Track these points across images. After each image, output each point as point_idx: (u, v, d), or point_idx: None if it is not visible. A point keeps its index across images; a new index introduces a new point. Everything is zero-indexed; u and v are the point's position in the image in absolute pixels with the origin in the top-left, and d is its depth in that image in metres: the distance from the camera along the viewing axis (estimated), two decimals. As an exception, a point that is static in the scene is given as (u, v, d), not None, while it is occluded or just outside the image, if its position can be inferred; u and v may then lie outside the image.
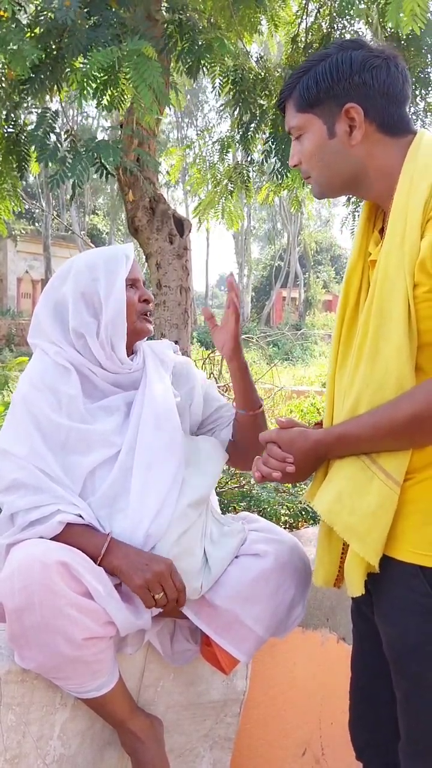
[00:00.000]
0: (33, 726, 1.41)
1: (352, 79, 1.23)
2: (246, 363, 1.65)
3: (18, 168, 3.74)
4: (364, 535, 1.17)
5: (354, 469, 1.21)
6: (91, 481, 1.49)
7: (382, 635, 1.26)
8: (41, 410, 1.50)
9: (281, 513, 3.22)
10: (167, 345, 1.77)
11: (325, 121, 1.26)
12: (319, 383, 11.74)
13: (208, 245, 38.53)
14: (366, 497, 1.18)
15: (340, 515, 1.20)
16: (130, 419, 1.55)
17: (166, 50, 3.39)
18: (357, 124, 1.23)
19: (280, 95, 1.34)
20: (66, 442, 1.49)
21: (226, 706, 1.69)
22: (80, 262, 1.61)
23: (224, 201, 4.64)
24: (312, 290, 38.42)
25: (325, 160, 1.28)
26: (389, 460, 1.18)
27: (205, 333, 23.34)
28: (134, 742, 1.48)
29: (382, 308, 1.18)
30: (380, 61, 1.23)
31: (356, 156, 1.25)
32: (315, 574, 1.37)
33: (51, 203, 26.82)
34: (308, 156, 1.29)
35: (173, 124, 33.30)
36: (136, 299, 1.61)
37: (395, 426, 1.15)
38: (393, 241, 1.18)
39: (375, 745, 1.42)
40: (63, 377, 1.55)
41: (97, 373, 1.57)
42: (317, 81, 1.25)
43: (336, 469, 1.26)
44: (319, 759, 2.00)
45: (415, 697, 1.20)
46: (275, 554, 1.53)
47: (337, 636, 2.00)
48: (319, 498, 1.25)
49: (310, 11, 4.43)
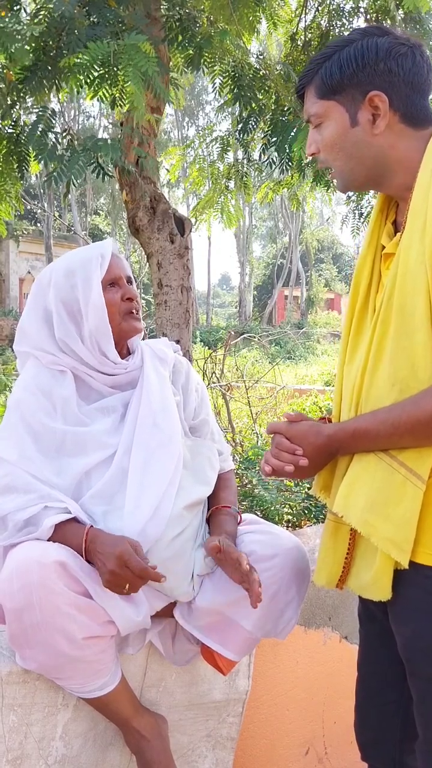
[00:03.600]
0: (35, 727, 1.41)
1: (378, 66, 1.18)
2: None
3: (18, 168, 3.74)
4: (402, 542, 1.15)
5: (382, 473, 1.17)
6: (87, 482, 1.48)
7: (397, 636, 1.25)
8: (34, 415, 1.50)
9: (284, 512, 3.21)
10: (167, 343, 1.76)
11: (347, 109, 1.22)
12: (321, 382, 11.75)
13: (209, 244, 38.48)
14: (401, 504, 1.14)
15: (376, 526, 1.16)
16: (127, 419, 1.55)
17: (167, 41, 3.38)
18: (381, 112, 1.19)
19: (300, 81, 1.28)
20: (61, 445, 1.49)
21: (228, 705, 1.69)
22: (59, 268, 1.58)
23: (223, 200, 4.64)
24: (314, 289, 38.43)
25: (347, 149, 1.23)
26: (414, 458, 1.15)
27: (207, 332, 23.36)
28: (139, 740, 1.48)
29: (404, 305, 1.15)
30: (406, 49, 1.19)
31: (378, 146, 1.21)
32: (318, 574, 1.34)
33: (53, 204, 26.84)
34: (328, 145, 1.25)
35: (174, 124, 33.31)
36: (119, 299, 1.57)
37: (416, 424, 1.12)
38: (413, 236, 1.15)
39: (380, 745, 1.41)
40: (57, 380, 1.54)
41: (93, 375, 1.57)
42: (341, 67, 1.20)
43: (359, 471, 1.21)
44: (322, 758, 1.99)
45: (430, 697, 1.19)
46: (272, 556, 1.51)
47: (339, 635, 2.00)
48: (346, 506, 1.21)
49: (308, 9, 4.43)
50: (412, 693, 1.23)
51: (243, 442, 4.44)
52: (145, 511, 1.44)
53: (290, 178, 4.47)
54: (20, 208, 4.43)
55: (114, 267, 1.58)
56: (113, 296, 1.56)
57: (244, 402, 5.81)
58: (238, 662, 1.57)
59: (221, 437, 1.77)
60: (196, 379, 1.74)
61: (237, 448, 4.11)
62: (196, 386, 1.73)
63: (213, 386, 4.94)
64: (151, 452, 1.50)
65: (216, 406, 4.96)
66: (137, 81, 2.63)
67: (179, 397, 1.66)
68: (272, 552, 1.51)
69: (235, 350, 11.34)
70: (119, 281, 1.59)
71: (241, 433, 5.07)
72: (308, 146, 1.29)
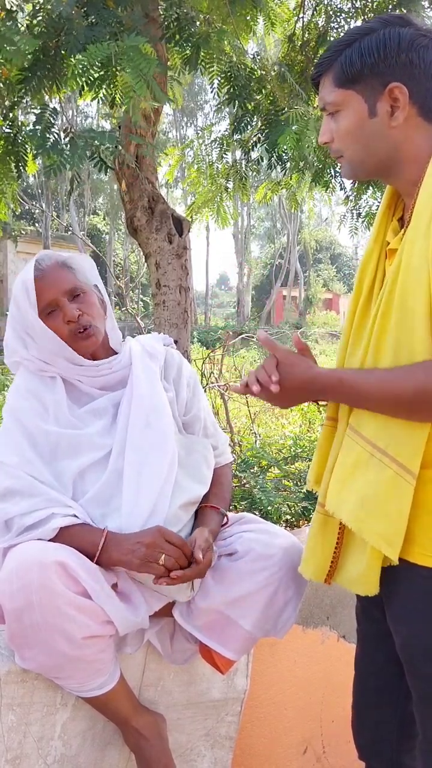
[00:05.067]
0: (34, 726, 1.42)
1: (399, 57, 1.16)
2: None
3: (16, 168, 3.74)
4: (392, 538, 1.14)
5: (373, 469, 1.17)
6: (81, 484, 1.48)
7: (395, 636, 1.25)
8: (28, 418, 1.50)
9: (283, 511, 3.22)
10: (157, 338, 1.74)
11: (366, 99, 1.19)
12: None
13: (208, 244, 38.48)
14: (392, 500, 1.14)
15: (367, 522, 1.16)
16: (118, 420, 1.55)
17: (164, 39, 3.38)
18: (401, 105, 1.17)
19: (316, 68, 1.26)
20: (55, 448, 1.49)
21: (226, 704, 1.69)
22: (12, 298, 1.57)
23: (219, 200, 4.64)
24: (312, 289, 38.44)
25: (362, 140, 1.21)
26: (405, 453, 1.14)
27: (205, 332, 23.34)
28: (138, 739, 1.48)
29: (405, 300, 1.14)
30: (427, 41, 1.17)
31: (394, 138, 1.20)
32: (304, 564, 1.33)
33: (51, 204, 26.82)
34: (344, 134, 1.23)
35: (173, 124, 33.31)
36: (60, 323, 1.53)
37: (402, 392, 1.11)
38: (417, 232, 1.14)
39: (378, 744, 1.42)
40: (47, 386, 1.55)
41: (80, 379, 1.57)
42: (362, 55, 1.18)
43: (349, 468, 1.21)
44: (320, 757, 2.00)
45: (430, 696, 1.19)
46: (269, 554, 1.51)
47: (337, 634, 2.00)
48: (338, 503, 1.21)
49: (306, 9, 4.43)
50: (411, 692, 1.24)
51: (241, 442, 4.45)
52: (143, 511, 1.44)
53: (289, 179, 4.48)
54: (17, 208, 4.43)
55: (45, 290, 1.52)
56: (54, 322, 1.53)
57: (242, 402, 5.82)
58: (236, 661, 1.57)
59: (216, 429, 1.75)
60: (188, 373, 1.72)
61: (235, 449, 4.12)
62: (188, 380, 1.71)
63: (211, 386, 4.94)
64: (145, 453, 1.50)
65: (214, 406, 4.96)
66: (139, 82, 2.63)
67: (171, 393, 1.65)
68: (271, 551, 1.51)
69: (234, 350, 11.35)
70: (56, 302, 1.53)
71: (240, 433, 5.07)
72: (322, 134, 1.27)
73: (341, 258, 45.92)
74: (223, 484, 1.68)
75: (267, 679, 1.83)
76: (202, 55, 3.43)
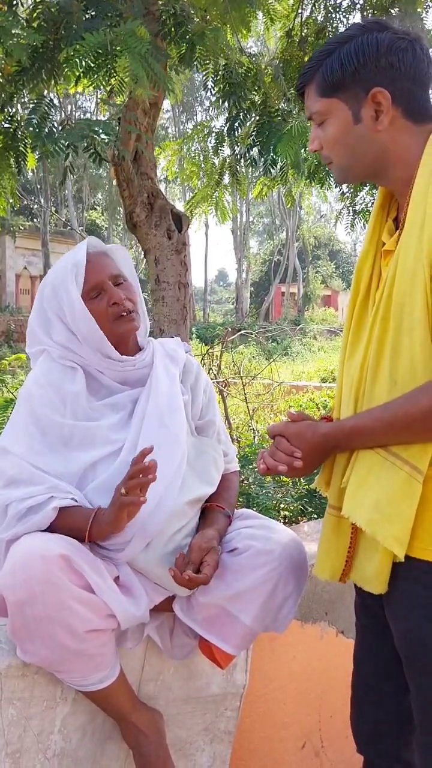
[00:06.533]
0: (34, 720, 1.42)
1: (379, 62, 1.18)
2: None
3: (15, 163, 3.73)
4: (404, 538, 1.16)
5: (387, 472, 1.18)
6: (92, 473, 1.49)
7: (393, 630, 1.26)
8: (43, 409, 1.51)
9: (281, 507, 3.22)
10: (178, 342, 1.77)
11: (350, 106, 1.21)
12: (317, 378, 11.76)
13: (207, 240, 38.50)
14: (405, 501, 1.15)
15: (382, 524, 1.17)
16: (134, 416, 1.55)
17: (161, 34, 3.37)
18: (384, 109, 1.19)
19: (300, 79, 1.28)
20: (69, 440, 1.50)
21: (226, 699, 1.70)
22: (47, 282, 1.58)
23: (217, 194, 4.63)
24: (311, 285, 38.41)
25: (350, 146, 1.24)
26: (417, 454, 1.16)
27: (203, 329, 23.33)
28: (137, 735, 1.49)
29: (403, 302, 1.16)
30: (406, 43, 1.19)
31: (381, 142, 1.22)
32: (320, 567, 1.35)
33: (49, 199, 26.77)
34: (331, 142, 1.25)
35: (171, 120, 33.23)
36: (104, 306, 1.55)
37: (412, 420, 1.13)
38: (412, 233, 1.16)
39: (376, 739, 1.42)
40: (68, 376, 1.56)
41: (102, 371, 1.58)
42: (342, 64, 1.20)
43: (364, 473, 1.22)
44: (318, 751, 2.00)
45: (428, 689, 1.20)
46: (269, 550, 1.51)
47: (336, 629, 2.01)
48: (353, 508, 1.22)
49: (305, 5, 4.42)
50: (409, 686, 1.24)
51: (240, 439, 4.45)
52: (149, 503, 1.44)
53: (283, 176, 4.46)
54: (16, 203, 4.42)
55: (93, 273, 1.55)
56: (97, 306, 1.55)
57: (240, 398, 5.82)
58: (236, 656, 1.58)
59: (228, 439, 1.78)
60: (205, 381, 1.75)
61: (233, 445, 4.12)
62: (204, 387, 1.73)
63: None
64: (157, 450, 1.51)
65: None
66: (136, 63, 2.61)
67: (187, 396, 1.67)
68: (270, 546, 1.51)
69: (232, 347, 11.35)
70: (102, 285, 1.56)
71: (238, 430, 5.07)
72: (311, 143, 1.30)
73: (340, 254, 45.89)
74: (229, 489, 1.70)
75: (266, 675, 1.84)
76: (197, 53, 3.42)
